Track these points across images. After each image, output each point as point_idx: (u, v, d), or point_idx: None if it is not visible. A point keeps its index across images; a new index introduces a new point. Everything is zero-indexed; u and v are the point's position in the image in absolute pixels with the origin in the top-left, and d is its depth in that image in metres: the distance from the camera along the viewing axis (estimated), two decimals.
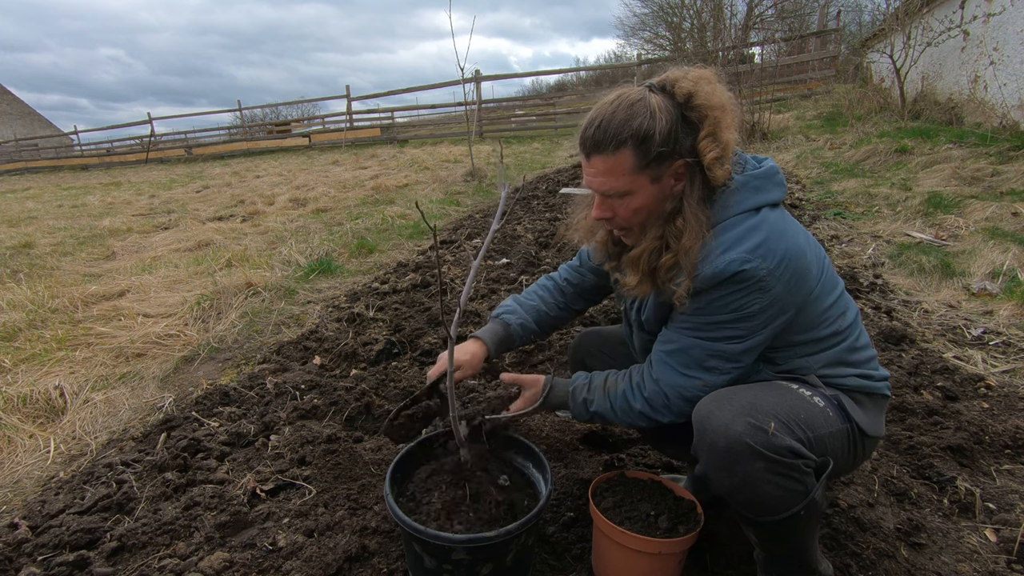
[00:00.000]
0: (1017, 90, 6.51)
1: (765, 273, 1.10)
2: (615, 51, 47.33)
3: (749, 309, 1.12)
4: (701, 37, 21.80)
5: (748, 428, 1.06)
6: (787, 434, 1.07)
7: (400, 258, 4.75)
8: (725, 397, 1.13)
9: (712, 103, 1.13)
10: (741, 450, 1.05)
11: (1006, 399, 2.13)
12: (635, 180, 1.15)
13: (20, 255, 5.84)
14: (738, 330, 1.15)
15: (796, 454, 1.07)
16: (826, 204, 5.31)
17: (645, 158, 1.13)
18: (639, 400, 1.27)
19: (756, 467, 1.05)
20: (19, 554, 1.57)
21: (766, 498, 1.08)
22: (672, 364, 1.23)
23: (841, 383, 1.23)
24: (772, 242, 1.11)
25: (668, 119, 1.12)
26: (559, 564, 1.44)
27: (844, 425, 1.18)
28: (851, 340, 1.25)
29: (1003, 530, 1.51)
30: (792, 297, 1.15)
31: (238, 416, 2.28)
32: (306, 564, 1.46)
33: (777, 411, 1.09)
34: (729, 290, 1.12)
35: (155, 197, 10.23)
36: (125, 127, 23.44)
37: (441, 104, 23.15)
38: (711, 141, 1.12)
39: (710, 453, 1.10)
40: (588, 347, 1.69)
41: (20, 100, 35.33)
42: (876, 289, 3.30)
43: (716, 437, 1.08)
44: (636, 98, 1.14)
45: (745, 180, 1.17)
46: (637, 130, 1.11)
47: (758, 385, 1.20)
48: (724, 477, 1.10)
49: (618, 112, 1.13)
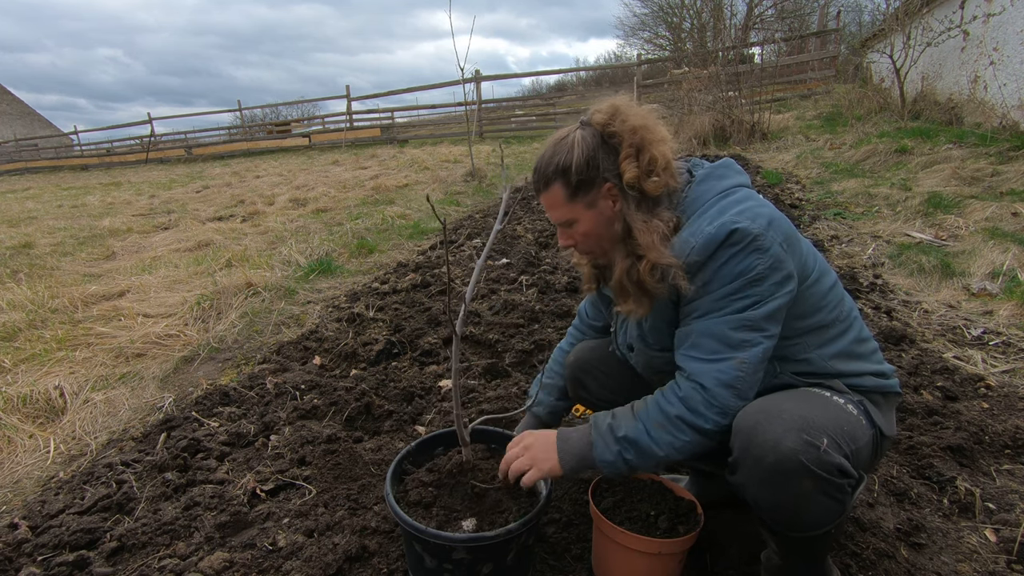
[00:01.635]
0: (1017, 90, 6.51)
1: (758, 231, 1.09)
2: (615, 51, 47.33)
3: (754, 271, 1.09)
4: (701, 37, 21.81)
5: (802, 445, 1.00)
6: (836, 451, 1.03)
7: (400, 258, 4.75)
8: (773, 408, 1.07)
9: (626, 127, 1.20)
10: (793, 468, 1.00)
11: (1006, 399, 2.13)
12: (572, 209, 1.26)
13: (20, 255, 5.84)
14: (751, 296, 1.10)
15: (844, 473, 1.03)
16: (826, 204, 5.31)
17: (570, 188, 1.23)
18: (675, 402, 1.14)
19: (805, 485, 1.01)
20: (19, 554, 1.57)
21: (807, 515, 1.05)
22: (698, 356, 1.14)
23: (861, 385, 1.21)
24: (756, 208, 1.15)
25: (585, 149, 1.21)
26: (559, 564, 1.44)
27: (872, 431, 1.16)
28: (856, 330, 1.25)
29: (1003, 530, 1.51)
30: (791, 260, 1.13)
31: (238, 416, 2.29)
32: (306, 564, 1.46)
33: (827, 425, 1.05)
34: (728, 254, 1.10)
35: (155, 197, 10.23)
36: (125, 127, 23.45)
37: (441, 104, 23.17)
38: (631, 161, 1.19)
39: (755, 467, 1.04)
40: (583, 364, 1.56)
41: (20, 100, 35.33)
42: (876, 289, 3.30)
43: (764, 451, 1.02)
44: (562, 136, 1.26)
45: (707, 171, 1.24)
46: (558, 165, 1.23)
47: (798, 394, 1.15)
48: (767, 493, 1.05)
49: (546, 152, 1.27)
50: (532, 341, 2.73)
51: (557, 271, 3.90)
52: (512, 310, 3.18)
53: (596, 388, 1.54)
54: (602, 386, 1.53)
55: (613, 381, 1.51)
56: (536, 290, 3.52)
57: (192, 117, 71.51)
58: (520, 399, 2.25)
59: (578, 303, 3.23)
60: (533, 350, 2.68)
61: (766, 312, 1.10)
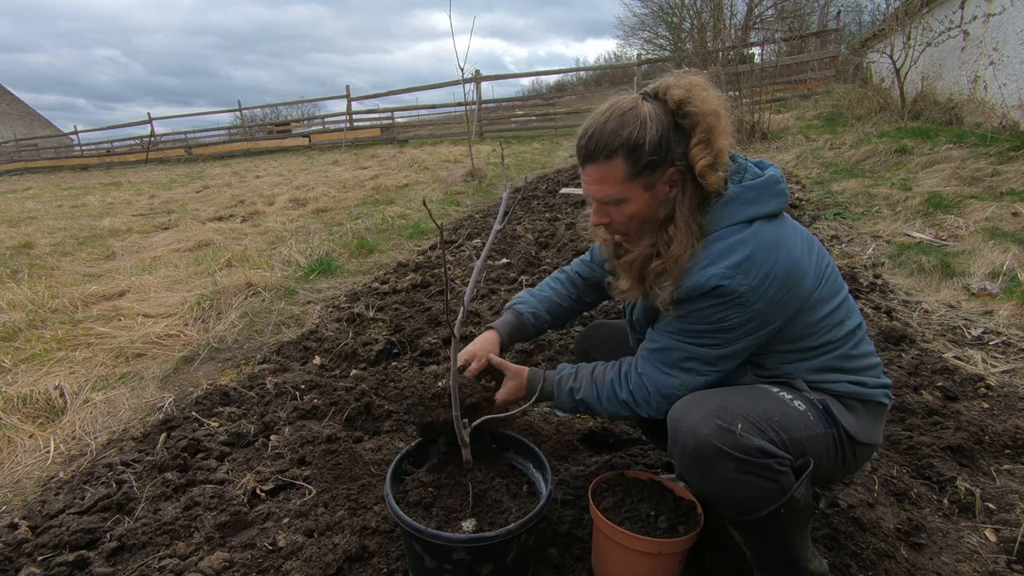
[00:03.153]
0: (1017, 90, 6.51)
1: (745, 289, 1.11)
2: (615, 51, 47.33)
3: (727, 322, 1.15)
4: (701, 37, 21.80)
5: (715, 430, 1.07)
6: (757, 435, 1.09)
7: (400, 258, 4.75)
8: (697, 400, 1.15)
9: (704, 109, 1.12)
10: (709, 451, 1.08)
11: (1006, 399, 2.13)
12: (628, 188, 1.17)
13: (20, 255, 5.84)
14: (716, 340, 1.18)
15: (766, 453, 1.08)
16: (826, 204, 5.31)
17: (636, 167, 1.14)
18: (624, 390, 1.30)
19: (726, 467, 1.07)
20: (19, 554, 1.57)
21: (740, 497, 1.10)
22: (654, 361, 1.27)
23: (830, 388, 1.23)
24: (758, 258, 1.11)
25: (659, 127, 1.12)
26: (559, 564, 1.44)
27: (829, 429, 1.18)
28: (846, 348, 1.24)
29: (1003, 530, 1.51)
30: (777, 311, 1.15)
31: (238, 416, 2.28)
32: (306, 564, 1.46)
33: (747, 413, 1.11)
34: (708, 303, 1.14)
35: (155, 197, 10.23)
36: (125, 127, 23.44)
37: (441, 104, 23.16)
38: (703, 148, 1.12)
39: (682, 455, 1.13)
40: (594, 339, 1.71)
41: (20, 100, 35.33)
42: (876, 289, 3.30)
43: (686, 439, 1.11)
44: (628, 107, 1.15)
45: (740, 191, 1.17)
46: (627, 139, 1.12)
47: (733, 388, 1.21)
48: (696, 478, 1.13)
49: (610, 122, 1.14)
50: (532, 341, 2.73)
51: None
52: None
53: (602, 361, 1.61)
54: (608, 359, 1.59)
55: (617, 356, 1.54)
56: None
57: (192, 117, 71.75)
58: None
59: None
60: (533, 350, 2.68)
61: (723, 354, 1.19)
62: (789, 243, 1.16)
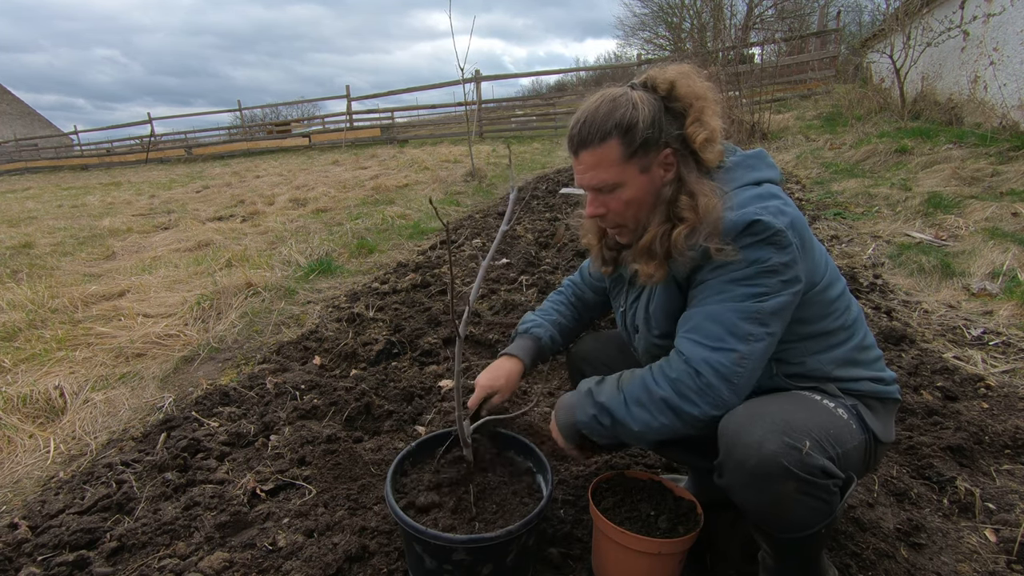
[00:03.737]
0: (1017, 90, 6.51)
1: (780, 227, 1.08)
2: (615, 51, 47.32)
3: (769, 262, 1.08)
4: (701, 37, 21.80)
5: (783, 447, 1.01)
6: (820, 453, 1.03)
7: (400, 258, 4.75)
8: (757, 411, 1.07)
9: (693, 92, 1.17)
10: (774, 470, 1.01)
11: (1006, 399, 2.13)
12: (624, 171, 1.17)
13: (20, 255, 5.84)
14: (761, 286, 1.09)
15: (828, 474, 1.03)
16: (826, 204, 5.31)
17: (631, 147, 1.14)
18: (664, 384, 1.12)
19: (788, 487, 1.02)
20: (19, 554, 1.57)
21: (793, 517, 1.05)
22: (700, 340, 1.10)
23: (857, 389, 1.20)
24: (780, 206, 1.13)
25: (651, 108, 1.15)
26: (559, 564, 1.44)
27: (864, 436, 1.16)
28: (859, 338, 1.24)
29: (1003, 530, 1.51)
30: (804, 264, 1.13)
31: (238, 416, 2.28)
32: (306, 564, 1.46)
33: (810, 428, 1.05)
34: (747, 241, 1.09)
35: (155, 197, 10.23)
36: (125, 127, 23.44)
37: (441, 104, 23.12)
38: (699, 125, 1.15)
39: (738, 470, 1.05)
40: (585, 355, 1.64)
41: (20, 100, 35.33)
42: (876, 289, 3.30)
43: (747, 454, 1.03)
44: (618, 93, 1.18)
45: (739, 159, 1.22)
46: (620, 120, 1.14)
47: (785, 397, 1.15)
48: (751, 495, 1.06)
49: (601, 107, 1.16)
50: None
51: (557, 271, 3.89)
52: (512, 310, 3.18)
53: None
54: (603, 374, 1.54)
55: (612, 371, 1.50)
56: (536, 290, 3.51)
57: (192, 117, 71.74)
58: (520, 399, 2.25)
59: None
60: None
61: (773, 307, 1.09)
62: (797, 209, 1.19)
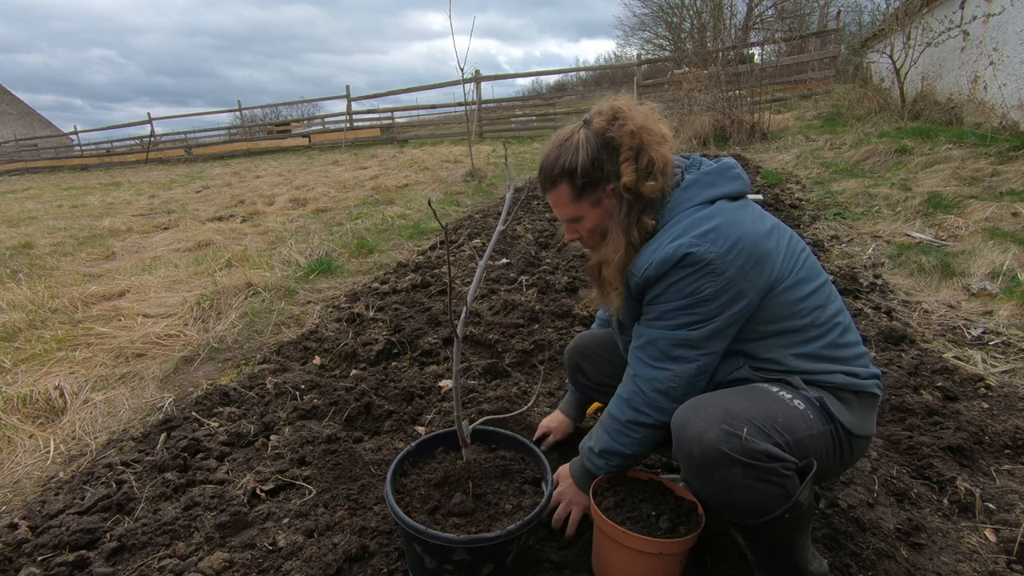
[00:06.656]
0: (1017, 90, 6.51)
1: (714, 256, 1.15)
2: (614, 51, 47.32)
3: (703, 293, 1.17)
4: (701, 37, 21.81)
5: (722, 435, 1.08)
6: (762, 438, 1.09)
7: (400, 258, 4.75)
8: (701, 405, 1.16)
9: (624, 131, 1.23)
10: (716, 457, 1.08)
11: (1006, 399, 2.13)
12: (578, 207, 1.31)
13: (20, 255, 5.84)
14: (695, 315, 1.20)
15: (773, 457, 1.08)
16: (826, 204, 5.31)
17: (576, 188, 1.28)
18: (623, 409, 1.32)
19: (733, 472, 1.08)
20: (19, 554, 1.57)
21: (746, 502, 1.11)
22: (643, 358, 1.29)
23: (826, 381, 1.23)
24: (723, 228, 1.18)
25: (588, 151, 1.25)
26: (559, 564, 1.44)
27: (827, 426, 1.19)
28: (834, 336, 1.25)
29: (1003, 530, 1.51)
30: (749, 282, 1.18)
31: (238, 416, 2.28)
32: (306, 564, 1.45)
33: (752, 416, 1.11)
34: (680, 275, 1.18)
35: (155, 197, 10.22)
36: (125, 127, 23.45)
37: (441, 104, 23.10)
38: (629, 164, 1.23)
39: (687, 461, 1.13)
40: (583, 349, 1.74)
41: (20, 100, 35.31)
42: (876, 289, 3.30)
43: (691, 445, 1.11)
44: (566, 136, 1.30)
45: (697, 177, 1.28)
46: (564, 165, 1.27)
47: (735, 390, 1.22)
48: (703, 484, 1.13)
49: (551, 152, 1.31)
50: (532, 341, 2.73)
51: (557, 271, 3.89)
52: (512, 310, 3.18)
53: (593, 372, 1.70)
54: (599, 370, 1.68)
55: (609, 365, 1.64)
56: (536, 290, 3.52)
57: (192, 117, 71.28)
58: (520, 399, 2.25)
59: (577, 303, 3.23)
60: (533, 350, 2.68)
61: (707, 332, 1.20)
62: (754, 219, 1.24)
